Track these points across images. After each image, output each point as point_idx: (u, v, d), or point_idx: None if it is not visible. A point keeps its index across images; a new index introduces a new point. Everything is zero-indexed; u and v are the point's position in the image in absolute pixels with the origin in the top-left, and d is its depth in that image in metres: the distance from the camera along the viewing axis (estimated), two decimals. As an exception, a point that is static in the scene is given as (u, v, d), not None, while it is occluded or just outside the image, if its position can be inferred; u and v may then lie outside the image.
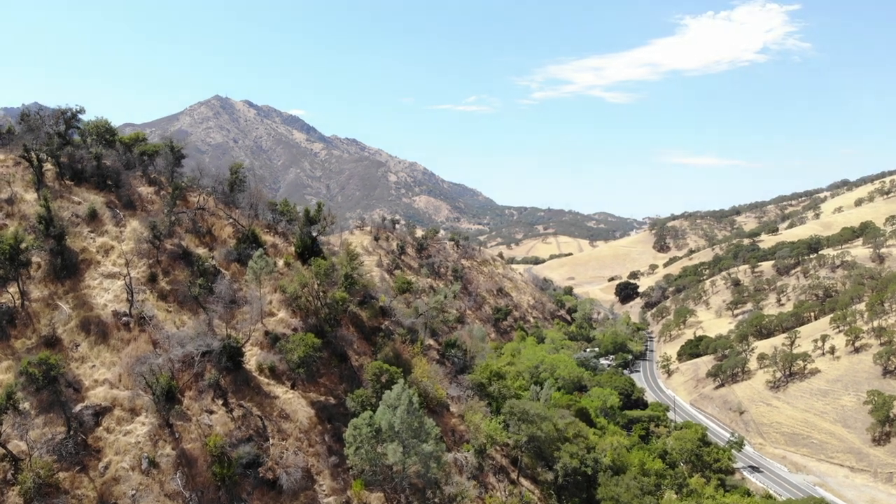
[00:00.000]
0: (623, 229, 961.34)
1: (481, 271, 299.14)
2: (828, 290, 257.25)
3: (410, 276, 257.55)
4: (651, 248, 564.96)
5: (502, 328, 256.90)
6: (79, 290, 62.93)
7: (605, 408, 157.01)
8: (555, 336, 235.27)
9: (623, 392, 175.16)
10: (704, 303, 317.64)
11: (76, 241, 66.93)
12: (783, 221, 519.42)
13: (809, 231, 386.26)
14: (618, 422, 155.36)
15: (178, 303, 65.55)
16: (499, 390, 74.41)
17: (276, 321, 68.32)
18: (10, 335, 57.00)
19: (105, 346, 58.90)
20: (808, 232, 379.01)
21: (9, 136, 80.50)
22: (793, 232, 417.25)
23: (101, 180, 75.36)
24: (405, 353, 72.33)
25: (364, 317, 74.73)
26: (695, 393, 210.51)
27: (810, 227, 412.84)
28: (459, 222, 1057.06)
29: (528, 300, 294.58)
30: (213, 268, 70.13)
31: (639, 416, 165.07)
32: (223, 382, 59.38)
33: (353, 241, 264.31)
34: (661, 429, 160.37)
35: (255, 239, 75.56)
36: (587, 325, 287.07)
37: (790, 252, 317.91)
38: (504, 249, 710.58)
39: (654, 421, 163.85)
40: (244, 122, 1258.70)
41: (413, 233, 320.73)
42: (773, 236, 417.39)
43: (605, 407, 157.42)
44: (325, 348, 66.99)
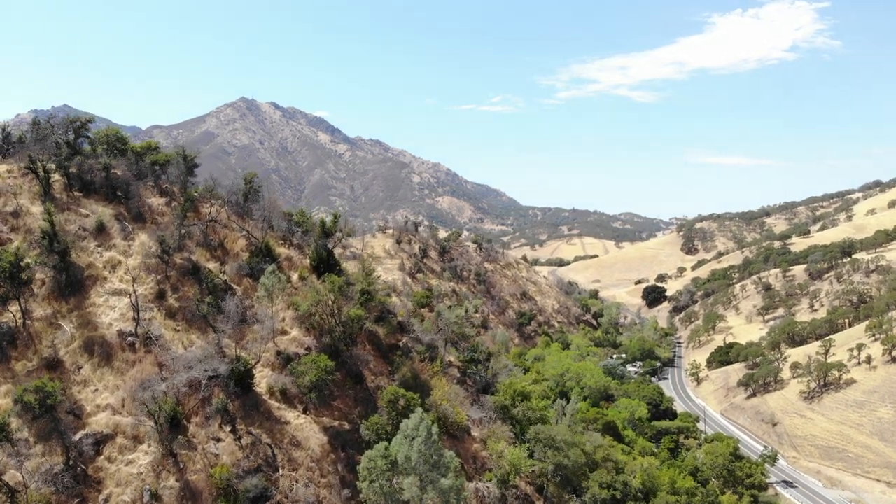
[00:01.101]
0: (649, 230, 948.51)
1: (505, 275, 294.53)
2: (862, 296, 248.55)
3: (433, 279, 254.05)
4: (678, 250, 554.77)
5: (526, 333, 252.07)
6: (83, 308, 60.28)
7: (632, 419, 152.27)
8: (580, 342, 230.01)
9: (651, 402, 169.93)
10: (734, 308, 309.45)
11: (82, 257, 64.36)
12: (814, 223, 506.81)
13: (842, 234, 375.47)
14: (646, 433, 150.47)
15: (187, 321, 62.63)
16: (523, 412, 70.45)
17: (288, 340, 65.11)
18: (10, 356, 54.43)
19: (109, 369, 56.11)
20: (841, 235, 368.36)
21: (19, 144, 78.36)
22: (825, 234, 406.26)
23: (110, 191, 72.78)
24: (424, 373, 68.73)
25: (381, 334, 71.28)
26: (725, 402, 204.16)
27: (843, 230, 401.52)
28: (483, 223, 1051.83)
29: (553, 304, 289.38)
30: (223, 283, 67.13)
31: (667, 427, 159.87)
32: (231, 407, 56.24)
33: (375, 244, 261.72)
34: (691, 441, 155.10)
35: (268, 252, 72.49)
36: (613, 331, 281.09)
37: (823, 256, 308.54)
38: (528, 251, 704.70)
39: (684, 433, 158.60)
40: (270, 124, 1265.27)
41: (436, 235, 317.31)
42: (804, 239, 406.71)
43: (633, 419, 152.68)
44: (340, 369, 63.69)
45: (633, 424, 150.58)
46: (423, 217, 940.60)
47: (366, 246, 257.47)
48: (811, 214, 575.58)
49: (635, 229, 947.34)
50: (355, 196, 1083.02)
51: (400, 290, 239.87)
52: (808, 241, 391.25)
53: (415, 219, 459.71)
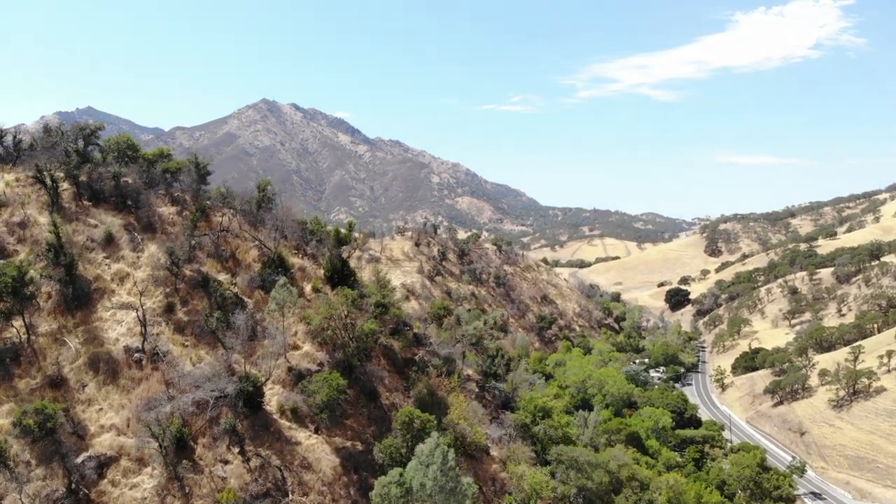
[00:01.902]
0: (671, 230, 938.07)
1: (525, 277, 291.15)
2: (891, 300, 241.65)
3: (452, 282, 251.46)
4: (702, 251, 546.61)
5: (546, 337, 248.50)
6: (90, 323, 58.49)
7: (656, 428, 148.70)
8: (602, 347, 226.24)
9: (675, 410, 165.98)
10: (759, 312, 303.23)
11: (89, 269, 62.65)
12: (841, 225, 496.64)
13: (869, 235, 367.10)
14: (670, 442, 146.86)
15: (196, 336, 60.63)
16: (545, 431, 67.58)
17: (300, 355, 62.87)
18: (13, 374, 52.71)
19: (114, 387, 54.21)
20: (868, 236, 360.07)
21: (30, 151, 76.95)
22: (852, 236, 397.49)
23: (120, 200, 71.11)
24: (441, 389, 66.18)
25: (396, 347, 68.81)
26: (751, 410, 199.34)
27: (870, 232, 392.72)
28: (502, 223, 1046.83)
29: (574, 308, 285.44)
30: (234, 296, 65.07)
31: (692, 435, 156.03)
32: (240, 427, 54.07)
33: (394, 246, 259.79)
34: (717, 451, 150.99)
35: (281, 263, 70.35)
36: (636, 335, 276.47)
37: (850, 259, 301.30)
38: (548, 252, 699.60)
39: (709, 442, 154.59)
40: (291, 125, 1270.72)
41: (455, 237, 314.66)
42: (830, 241, 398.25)
43: (657, 427, 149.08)
44: (353, 385, 61.35)
45: (657, 433, 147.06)
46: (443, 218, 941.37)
47: (384, 248, 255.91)
48: (837, 215, 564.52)
49: (657, 230, 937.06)
50: (375, 197, 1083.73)
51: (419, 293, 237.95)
52: (835, 243, 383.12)
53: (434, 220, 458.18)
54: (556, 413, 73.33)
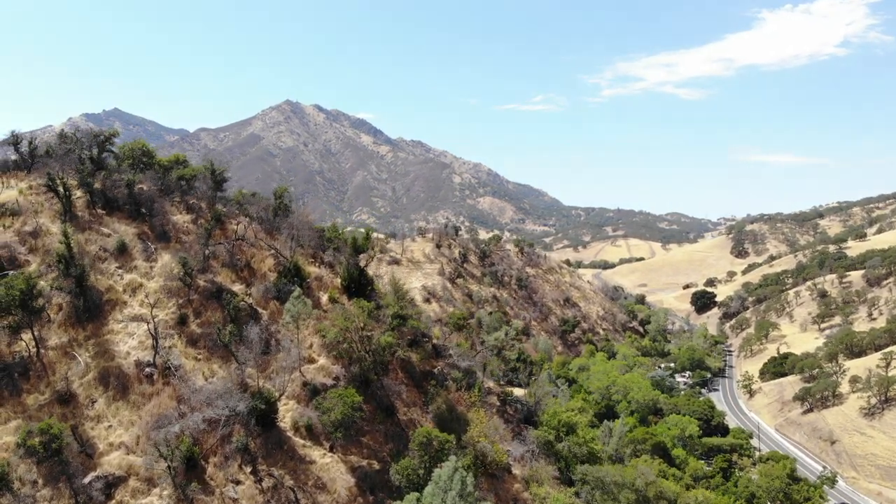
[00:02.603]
0: (697, 231, 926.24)
1: (547, 280, 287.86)
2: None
3: (473, 285, 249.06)
4: (728, 253, 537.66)
5: (569, 341, 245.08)
6: (101, 336, 57.11)
7: (683, 437, 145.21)
8: (626, 352, 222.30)
9: (702, 417, 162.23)
10: (788, 315, 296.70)
11: (102, 280, 61.34)
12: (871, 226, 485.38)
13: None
14: (696, 451, 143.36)
15: (209, 349, 58.98)
16: (569, 448, 65.01)
17: (315, 369, 60.95)
18: (21, 389, 51.47)
19: (124, 403, 52.71)
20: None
21: (46, 158, 76.02)
22: (882, 238, 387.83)
23: (134, 209, 69.82)
24: (460, 404, 63.90)
25: (414, 360, 66.65)
26: (780, 417, 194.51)
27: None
28: (524, 224, 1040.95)
29: (598, 311, 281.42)
30: (248, 308, 63.36)
31: (719, 444, 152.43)
32: (253, 446, 52.23)
33: (414, 248, 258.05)
34: (745, 460, 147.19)
35: (297, 272, 68.54)
36: (661, 338, 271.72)
37: (881, 261, 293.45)
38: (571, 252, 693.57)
39: (737, 450, 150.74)
40: (314, 126, 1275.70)
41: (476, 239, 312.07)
42: (860, 242, 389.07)
43: (684, 436, 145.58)
44: (369, 400, 59.27)
45: (684, 442, 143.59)
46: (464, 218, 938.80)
47: (405, 250, 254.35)
48: (867, 216, 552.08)
49: (682, 230, 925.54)
50: (397, 197, 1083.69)
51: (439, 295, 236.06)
52: (865, 244, 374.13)
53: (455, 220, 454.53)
54: (580, 428, 70.65)
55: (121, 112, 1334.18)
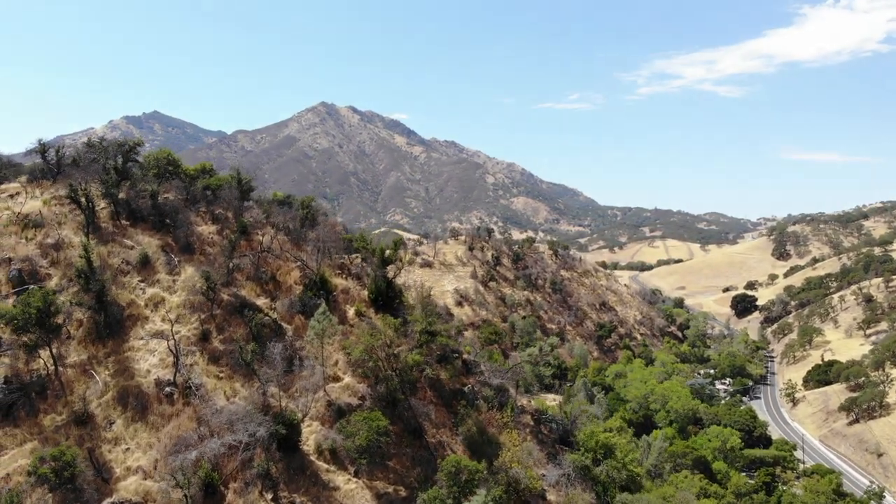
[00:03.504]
0: (736, 231, 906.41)
1: (582, 283, 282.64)
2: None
3: (506, 288, 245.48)
4: (769, 255, 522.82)
5: (606, 346, 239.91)
6: (121, 353, 55.49)
7: (724, 449, 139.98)
8: (665, 358, 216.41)
9: (743, 428, 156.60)
10: (832, 320, 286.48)
11: (123, 294, 59.80)
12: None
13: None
14: (738, 463, 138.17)
15: (231, 367, 56.93)
16: (607, 473, 61.49)
17: (340, 388, 58.49)
18: (38, 409, 50.00)
19: (143, 424, 50.89)
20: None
21: (73, 166, 75.02)
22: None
23: (158, 220, 68.31)
24: (492, 425, 60.88)
25: (444, 377, 63.78)
26: (824, 428, 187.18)
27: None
28: (559, 224, 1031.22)
29: (635, 315, 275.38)
30: (272, 323, 61.24)
31: (762, 456, 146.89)
32: (274, 470, 49.93)
33: (447, 250, 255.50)
34: (789, 474, 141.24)
35: (323, 285, 66.26)
36: (700, 344, 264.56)
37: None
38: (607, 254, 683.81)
39: (780, 463, 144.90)
40: (348, 128, 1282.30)
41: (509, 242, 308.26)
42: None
43: (725, 448, 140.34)
44: (396, 422, 56.62)
45: (725, 455, 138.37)
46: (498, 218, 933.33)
47: (437, 253, 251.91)
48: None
49: (721, 230, 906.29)
50: (430, 197, 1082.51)
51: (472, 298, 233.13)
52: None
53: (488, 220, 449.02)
54: (619, 450, 67.03)
55: (160, 114, 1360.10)
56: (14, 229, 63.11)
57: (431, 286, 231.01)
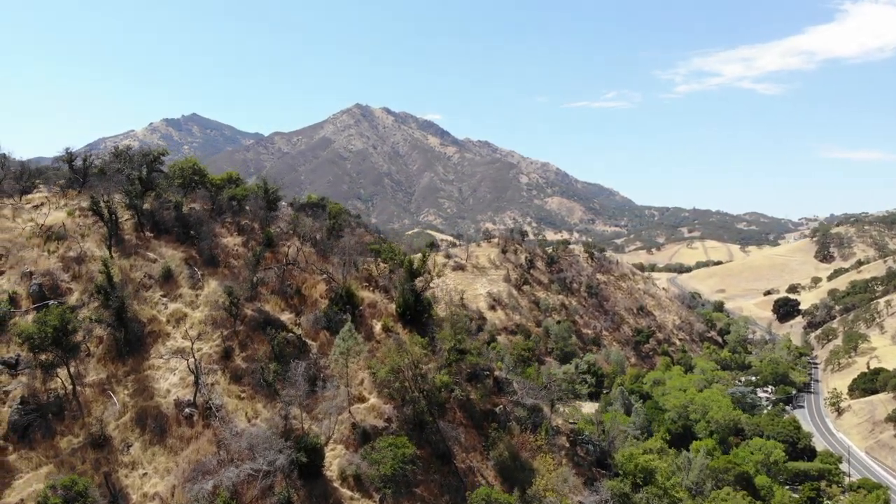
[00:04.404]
0: (777, 231, 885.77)
1: (619, 287, 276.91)
2: None
3: (540, 292, 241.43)
4: (812, 257, 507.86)
5: (643, 352, 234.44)
6: (141, 372, 53.85)
7: (767, 462, 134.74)
8: (704, 365, 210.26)
9: (786, 440, 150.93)
10: (878, 326, 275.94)
11: (145, 309, 58.23)
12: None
13: None
14: (781, 477, 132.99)
15: (253, 386, 54.85)
16: (647, 501, 57.95)
17: (366, 409, 56.01)
18: (55, 431, 48.52)
19: (161, 447, 49.05)
20: None
21: (99, 175, 74.09)
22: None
23: (182, 231, 66.78)
24: (525, 449, 57.85)
25: (474, 397, 60.88)
26: (871, 439, 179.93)
27: None
28: (594, 224, 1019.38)
29: (674, 320, 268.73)
30: (296, 340, 59.07)
31: (806, 469, 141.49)
32: (296, 498, 47.61)
33: (479, 253, 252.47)
34: (834, 488, 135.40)
35: (349, 298, 63.94)
36: (742, 350, 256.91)
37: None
38: (644, 255, 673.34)
39: (825, 477, 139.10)
40: (382, 129, 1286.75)
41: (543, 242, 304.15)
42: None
43: (768, 462, 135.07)
44: (424, 445, 53.93)
45: (768, 468, 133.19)
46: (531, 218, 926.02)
47: (470, 255, 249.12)
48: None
49: (761, 231, 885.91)
50: (463, 198, 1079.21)
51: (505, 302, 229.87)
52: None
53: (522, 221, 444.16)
54: (660, 474, 63.39)
55: (199, 117, 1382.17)
56: (37, 241, 62.17)
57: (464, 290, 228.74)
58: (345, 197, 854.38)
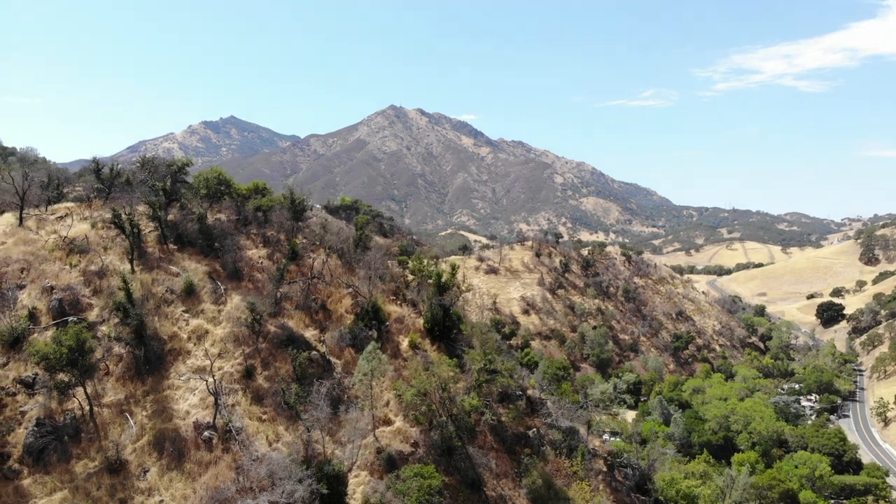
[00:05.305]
0: (819, 232, 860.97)
1: (657, 291, 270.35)
2: None
3: (575, 296, 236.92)
4: (856, 259, 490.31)
5: (682, 358, 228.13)
6: (160, 391, 52.09)
7: (812, 477, 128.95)
8: (746, 373, 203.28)
9: (832, 452, 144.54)
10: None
11: (166, 326, 56.54)
12: None
13: None
14: (826, 492, 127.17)
15: (275, 408, 52.69)
16: (690, 533, 54.41)
17: (391, 433, 53.41)
18: (71, 454, 46.94)
19: (179, 473, 47.15)
20: None
21: (126, 185, 72.98)
22: None
23: (206, 244, 65.05)
24: (560, 475, 54.65)
25: (505, 419, 57.86)
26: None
27: None
28: (631, 225, 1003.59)
29: (714, 325, 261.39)
30: (320, 358, 56.78)
31: (852, 483, 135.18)
32: (317, 529, 45.27)
33: (513, 256, 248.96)
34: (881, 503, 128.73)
35: (375, 314, 61.47)
36: (784, 356, 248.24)
37: None
38: (682, 256, 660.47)
39: (872, 491, 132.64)
40: (416, 130, 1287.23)
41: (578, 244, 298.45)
42: None
43: (813, 476, 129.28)
44: (452, 472, 51.13)
45: (812, 482, 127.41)
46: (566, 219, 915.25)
47: (503, 258, 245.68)
48: None
49: (803, 231, 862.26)
50: (496, 198, 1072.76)
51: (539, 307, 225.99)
52: None
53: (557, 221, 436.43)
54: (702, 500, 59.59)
55: (236, 119, 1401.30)
56: (59, 255, 61.00)
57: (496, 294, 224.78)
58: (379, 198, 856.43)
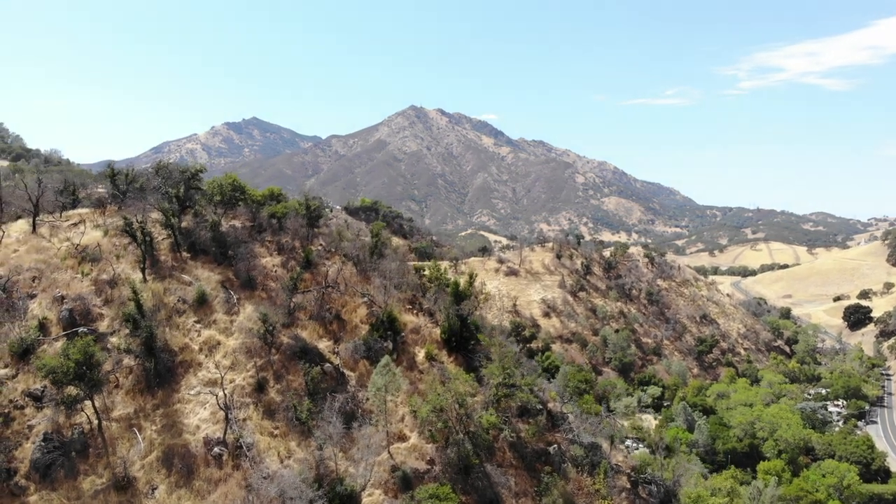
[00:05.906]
0: (845, 232, 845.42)
1: (681, 293, 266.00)
2: None
3: (597, 298, 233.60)
4: (884, 261, 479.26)
5: (706, 362, 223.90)
6: (170, 405, 50.87)
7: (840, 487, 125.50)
8: (772, 378, 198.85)
9: (860, 461, 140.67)
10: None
11: (177, 337, 55.34)
12: None
13: None
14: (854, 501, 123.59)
15: (287, 422, 51.25)
16: (718, 556, 52.07)
17: (406, 449, 51.70)
18: (79, 470, 45.85)
19: (188, 490, 45.86)
20: None
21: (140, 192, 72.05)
22: None
23: (220, 252, 63.85)
24: (582, 492, 52.57)
25: (525, 435, 55.89)
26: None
27: None
28: (653, 225, 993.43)
29: (738, 328, 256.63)
30: (334, 370, 55.25)
31: (881, 492, 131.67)
32: (328, 551, 43.74)
33: (533, 258, 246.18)
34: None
35: (391, 324, 59.82)
36: (810, 360, 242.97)
37: None
38: (706, 257, 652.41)
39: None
40: (436, 130, 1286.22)
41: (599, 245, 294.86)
42: None
43: (841, 486, 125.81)
44: (470, 491, 49.31)
45: (840, 492, 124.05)
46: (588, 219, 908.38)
47: (524, 260, 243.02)
48: None
49: (829, 231, 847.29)
50: (517, 198, 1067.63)
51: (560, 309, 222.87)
52: None
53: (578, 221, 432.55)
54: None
55: (259, 120, 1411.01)
56: (71, 263, 60.14)
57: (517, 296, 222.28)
58: (399, 198, 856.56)
